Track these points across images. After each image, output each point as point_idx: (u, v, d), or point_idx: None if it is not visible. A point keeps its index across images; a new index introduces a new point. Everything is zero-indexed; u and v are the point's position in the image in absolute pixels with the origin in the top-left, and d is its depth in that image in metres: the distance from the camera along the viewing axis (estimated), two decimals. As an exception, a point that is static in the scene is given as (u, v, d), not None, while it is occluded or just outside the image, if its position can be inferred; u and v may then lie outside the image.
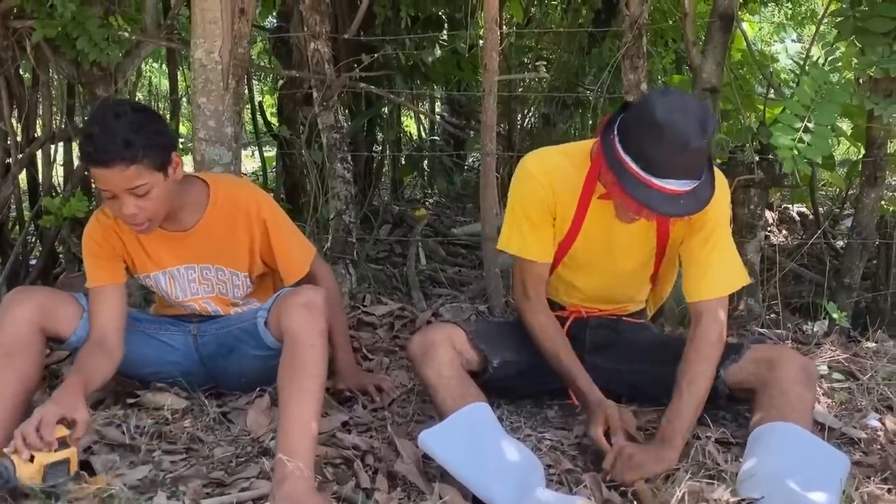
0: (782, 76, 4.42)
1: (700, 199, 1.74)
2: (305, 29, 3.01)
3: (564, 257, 2.06)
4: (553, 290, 2.15)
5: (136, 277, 2.10)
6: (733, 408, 2.09)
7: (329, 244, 3.10)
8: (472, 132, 5.17)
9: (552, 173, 1.96)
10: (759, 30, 7.93)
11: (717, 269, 1.90)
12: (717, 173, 1.89)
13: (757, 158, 2.87)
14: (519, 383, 2.09)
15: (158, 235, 2.00)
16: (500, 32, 2.69)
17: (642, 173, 1.67)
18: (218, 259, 2.06)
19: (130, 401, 2.07)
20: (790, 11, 7.28)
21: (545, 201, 1.96)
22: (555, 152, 2.04)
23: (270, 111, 5.33)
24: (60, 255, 3.32)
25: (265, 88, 7.12)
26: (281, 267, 2.10)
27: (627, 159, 1.69)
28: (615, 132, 1.74)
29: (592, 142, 1.94)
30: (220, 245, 2.04)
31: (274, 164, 4.98)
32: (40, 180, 3.39)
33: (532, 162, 1.99)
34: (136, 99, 4.17)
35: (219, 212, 2.02)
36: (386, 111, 4.84)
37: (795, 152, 2.34)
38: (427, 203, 5.61)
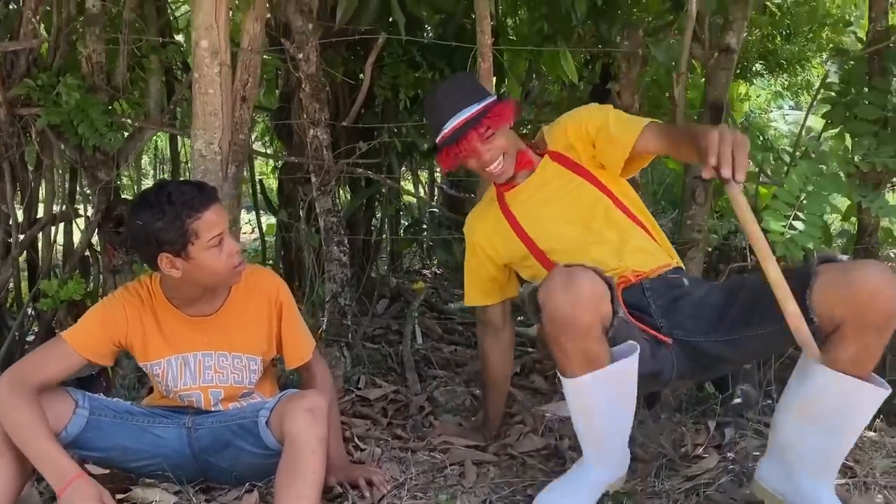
0: (783, 141, 4.41)
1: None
2: (305, 116, 3.07)
3: (536, 247, 2.16)
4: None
5: (142, 366, 2.08)
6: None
7: (324, 326, 3.11)
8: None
9: (477, 215, 2.31)
10: (757, 97, 8.06)
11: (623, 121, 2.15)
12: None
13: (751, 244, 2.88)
14: None
15: (179, 319, 2.03)
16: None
17: (440, 132, 2.12)
18: (236, 345, 2.07)
19: (120, 496, 2.03)
20: (786, 81, 7.42)
21: (478, 245, 2.28)
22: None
23: (271, 188, 5.40)
24: (57, 335, 3.32)
25: (266, 169, 7.21)
26: (287, 351, 2.15)
27: (438, 139, 2.14)
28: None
29: None
30: (241, 329, 2.07)
31: (273, 234, 5.01)
32: (39, 262, 3.42)
33: (468, 218, 2.37)
34: (139, 180, 4.24)
35: (241, 296, 2.07)
36: (384, 189, 4.90)
37: (787, 238, 2.36)
38: (426, 275, 5.62)
